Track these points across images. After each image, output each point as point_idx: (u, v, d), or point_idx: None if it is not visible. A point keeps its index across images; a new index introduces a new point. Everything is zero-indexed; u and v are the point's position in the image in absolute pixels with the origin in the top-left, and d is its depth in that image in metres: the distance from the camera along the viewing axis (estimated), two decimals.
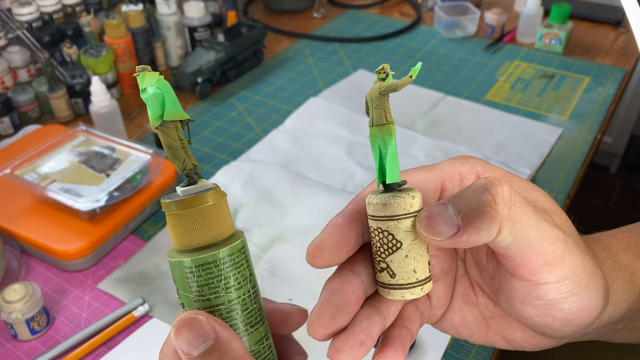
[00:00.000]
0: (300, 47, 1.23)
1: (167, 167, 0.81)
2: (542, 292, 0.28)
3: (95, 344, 0.62)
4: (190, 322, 0.26)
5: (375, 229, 0.27)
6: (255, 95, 1.07)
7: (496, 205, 0.25)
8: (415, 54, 1.19)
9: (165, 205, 0.27)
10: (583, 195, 1.95)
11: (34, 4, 0.98)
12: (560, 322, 0.29)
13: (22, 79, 0.99)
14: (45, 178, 0.75)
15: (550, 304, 0.28)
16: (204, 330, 0.25)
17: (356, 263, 0.29)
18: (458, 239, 0.26)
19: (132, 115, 1.01)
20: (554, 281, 0.27)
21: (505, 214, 0.26)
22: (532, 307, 0.29)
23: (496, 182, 0.26)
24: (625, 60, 1.16)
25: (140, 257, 0.73)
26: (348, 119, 0.98)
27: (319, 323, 0.28)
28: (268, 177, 0.84)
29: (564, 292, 0.28)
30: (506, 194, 0.26)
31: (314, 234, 0.31)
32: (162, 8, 1.09)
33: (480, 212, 0.25)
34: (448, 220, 0.26)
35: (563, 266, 0.27)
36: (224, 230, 0.27)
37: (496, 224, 0.26)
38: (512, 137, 0.93)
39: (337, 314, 0.28)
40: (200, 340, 0.25)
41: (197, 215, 0.27)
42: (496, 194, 0.26)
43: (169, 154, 0.27)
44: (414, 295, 0.28)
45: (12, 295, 0.62)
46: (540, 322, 0.29)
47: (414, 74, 0.26)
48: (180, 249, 0.27)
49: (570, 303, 0.28)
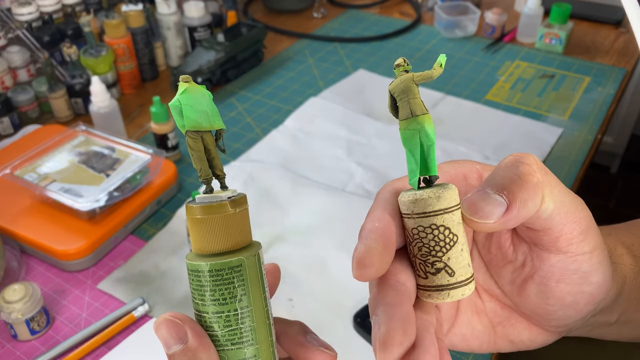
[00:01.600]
0: (300, 47, 1.23)
1: (167, 167, 0.81)
2: (578, 263, 0.29)
3: (95, 344, 0.62)
4: (167, 321, 0.27)
5: (427, 226, 0.26)
6: (255, 95, 1.07)
7: (535, 173, 0.26)
8: (416, 54, 1.19)
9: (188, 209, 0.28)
10: (583, 195, 1.94)
11: (33, 4, 0.98)
12: (587, 298, 0.30)
13: (22, 79, 0.99)
14: (45, 178, 0.75)
15: (584, 277, 0.29)
16: (176, 333, 0.27)
17: (396, 272, 0.27)
18: (508, 216, 0.26)
19: (132, 115, 1.01)
20: (588, 251, 0.28)
21: (544, 180, 0.26)
22: (567, 284, 0.29)
23: (524, 154, 0.26)
24: (626, 60, 1.16)
25: (140, 257, 0.73)
26: (348, 119, 0.98)
27: (393, 342, 0.25)
28: (268, 177, 0.84)
29: (595, 263, 0.29)
30: (538, 161, 0.27)
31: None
32: (162, 8, 1.08)
33: (523, 183, 0.26)
34: (493, 200, 0.26)
35: (593, 235, 0.28)
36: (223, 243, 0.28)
37: (539, 192, 0.26)
38: (512, 137, 0.93)
39: (407, 329, 0.25)
40: (172, 341, 0.26)
41: (192, 225, 0.27)
42: (531, 163, 0.26)
43: (191, 159, 0.28)
44: (471, 291, 0.27)
45: (12, 295, 0.62)
46: (569, 301, 0.30)
47: (443, 63, 0.25)
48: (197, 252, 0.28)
49: (599, 275, 0.29)
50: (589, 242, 0.28)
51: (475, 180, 0.30)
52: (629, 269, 0.34)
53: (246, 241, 0.28)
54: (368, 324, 0.62)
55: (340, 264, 0.70)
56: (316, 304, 0.66)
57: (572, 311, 0.31)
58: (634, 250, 0.35)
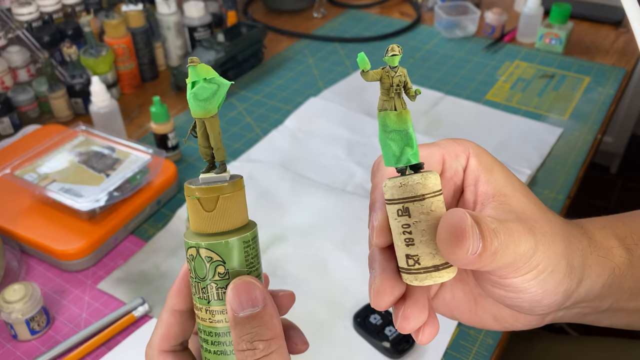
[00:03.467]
0: (300, 47, 1.23)
1: (167, 167, 0.81)
2: (508, 282, 0.30)
3: (95, 344, 0.62)
4: (249, 285, 0.28)
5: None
6: (255, 95, 1.07)
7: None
8: (415, 54, 1.19)
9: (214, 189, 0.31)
10: (583, 195, 1.95)
11: (33, 4, 0.98)
12: (529, 304, 0.31)
13: (21, 79, 0.99)
14: (45, 178, 0.75)
15: (516, 291, 0.30)
16: (257, 297, 0.28)
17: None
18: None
19: (132, 115, 1.01)
20: (519, 275, 0.29)
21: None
22: (502, 290, 0.31)
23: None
24: (626, 60, 1.16)
25: (140, 257, 0.73)
26: (348, 119, 0.98)
27: (385, 291, 0.29)
28: (268, 177, 0.84)
29: (527, 281, 0.29)
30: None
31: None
32: (162, 8, 1.08)
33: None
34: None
35: (530, 265, 0.29)
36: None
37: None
38: (512, 137, 0.93)
39: (398, 281, 0.29)
40: (251, 304, 0.27)
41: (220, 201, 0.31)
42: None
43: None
44: (450, 276, 0.28)
45: (12, 295, 0.62)
46: (510, 303, 0.31)
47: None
48: (223, 230, 0.31)
49: (536, 288, 0.30)
50: (521, 272, 0.29)
51: (461, 163, 0.32)
52: (620, 260, 0.34)
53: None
54: (368, 324, 0.62)
55: (340, 264, 0.70)
56: (316, 304, 0.66)
57: (521, 310, 0.32)
58: (627, 243, 0.35)
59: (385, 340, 0.60)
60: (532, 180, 0.85)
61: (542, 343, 0.80)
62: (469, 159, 0.32)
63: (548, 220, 0.31)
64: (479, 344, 0.62)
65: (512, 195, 0.30)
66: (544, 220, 0.30)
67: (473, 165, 0.32)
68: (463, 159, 0.32)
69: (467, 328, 0.64)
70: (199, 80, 0.30)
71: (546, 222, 0.30)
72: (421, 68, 1.15)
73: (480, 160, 0.32)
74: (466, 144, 0.32)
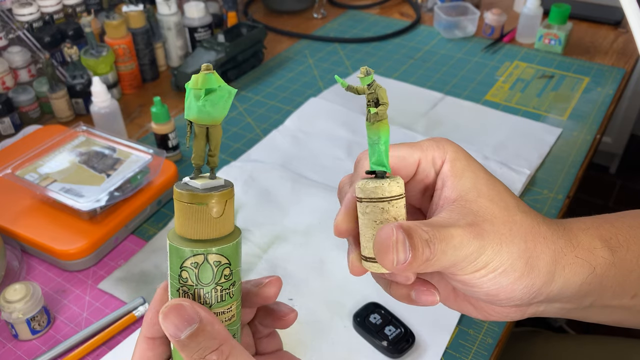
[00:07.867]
0: (300, 48, 1.23)
1: (167, 167, 0.81)
2: (459, 278, 0.32)
3: (95, 343, 0.62)
4: (177, 308, 0.29)
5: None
6: (256, 96, 1.07)
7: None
8: (415, 55, 1.20)
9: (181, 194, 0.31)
10: (583, 196, 1.95)
11: (34, 5, 0.99)
12: (486, 297, 0.33)
13: (22, 79, 0.99)
14: (46, 178, 0.75)
15: (470, 285, 0.33)
16: (189, 315, 0.28)
17: None
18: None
19: (133, 116, 1.01)
20: (467, 274, 0.32)
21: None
22: (459, 284, 0.33)
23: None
24: (625, 61, 1.16)
25: (141, 257, 0.73)
26: (348, 119, 0.98)
27: (342, 223, 0.33)
28: (268, 177, 0.84)
29: (478, 279, 0.32)
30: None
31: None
32: (162, 8, 1.09)
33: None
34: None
35: (476, 264, 0.31)
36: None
37: None
38: (511, 137, 0.94)
39: (353, 215, 0.33)
40: (187, 323, 0.28)
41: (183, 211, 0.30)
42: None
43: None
44: None
45: (13, 295, 0.62)
46: (470, 294, 0.34)
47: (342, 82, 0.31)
48: (182, 236, 0.30)
49: (488, 285, 0.32)
50: (468, 271, 0.32)
51: (435, 168, 0.35)
52: (602, 260, 0.35)
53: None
54: (368, 324, 0.62)
55: (340, 264, 0.70)
56: (316, 304, 0.66)
57: (493, 299, 0.33)
58: (612, 244, 0.36)
59: (385, 340, 0.60)
60: (531, 180, 0.86)
61: (542, 342, 0.80)
62: (443, 164, 0.34)
63: (511, 222, 0.32)
64: (478, 343, 0.62)
65: (473, 200, 0.32)
66: (504, 222, 0.32)
67: (445, 171, 0.34)
68: (438, 163, 0.34)
69: (467, 328, 0.64)
70: (215, 88, 0.29)
71: (506, 224, 0.32)
72: (421, 68, 1.15)
73: (454, 166, 0.34)
74: (446, 147, 0.34)
